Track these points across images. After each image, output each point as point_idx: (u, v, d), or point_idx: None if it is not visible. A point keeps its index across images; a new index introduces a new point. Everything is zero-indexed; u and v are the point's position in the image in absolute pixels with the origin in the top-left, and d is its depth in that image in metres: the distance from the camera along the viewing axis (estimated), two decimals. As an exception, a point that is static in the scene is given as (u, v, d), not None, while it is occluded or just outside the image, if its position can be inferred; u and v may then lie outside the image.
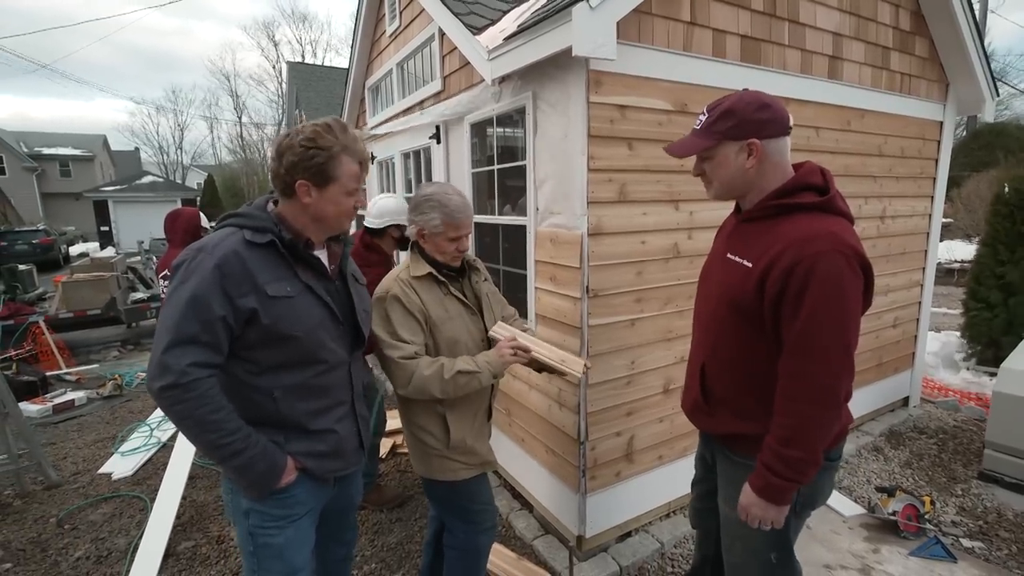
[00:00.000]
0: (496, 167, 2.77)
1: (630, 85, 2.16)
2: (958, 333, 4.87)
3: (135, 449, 3.92)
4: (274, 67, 37.29)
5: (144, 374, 5.75)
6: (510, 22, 2.55)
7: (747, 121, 1.37)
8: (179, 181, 33.73)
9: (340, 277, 1.49)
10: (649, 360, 2.46)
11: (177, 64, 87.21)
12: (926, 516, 2.61)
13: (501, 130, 2.77)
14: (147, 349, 7.37)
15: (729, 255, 1.46)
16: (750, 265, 1.37)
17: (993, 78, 3.55)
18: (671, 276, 2.45)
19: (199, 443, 1.25)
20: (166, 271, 3.34)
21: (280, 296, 1.27)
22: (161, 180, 25.09)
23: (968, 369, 4.49)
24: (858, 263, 1.25)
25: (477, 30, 2.58)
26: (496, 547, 2.57)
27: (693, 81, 2.34)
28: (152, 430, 4.27)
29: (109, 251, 17.82)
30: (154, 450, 3.92)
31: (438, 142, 3.30)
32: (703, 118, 1.44)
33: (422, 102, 3.63)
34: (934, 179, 3.71)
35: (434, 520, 2.05)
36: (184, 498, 3.19)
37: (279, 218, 1.34)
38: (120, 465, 3.69)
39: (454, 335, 1.73)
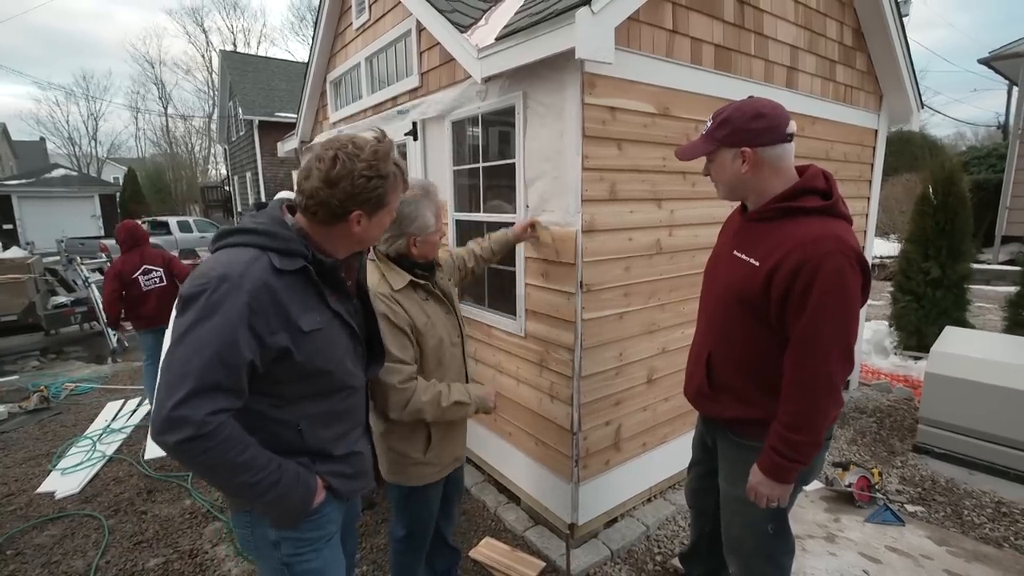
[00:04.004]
0: (481, 165, 2.78)
1: (620, 88, 2.25)
2: (886, 322, 5.37)
3: (77, 465, 3.61)
4: (203, 55, 35.07)
5: (73, 384, 5.36)
6: (490, 21, 2.56)
7: (739, 130, 1.48)
8: (94, 175, 30.91)
9: (356, 293, 1.40)
10: (635, 352, 2.56)
11: (90, 48, 79.44)
12: (876, 486, 2.89)
13: (486, 128, 2.78)
14: (71, 358, 6.75)
15: (736, 252, 1.57)
16: (757, 264, 1.48)
17: (919, 92, 3.96)
18: (654, 271, 2.57)
19: (230, 488, 1.13)
20: (145, 265, 3.92)
21: (313, 329, 1.17)
22: (75, 174, 22.92)
23: (896, 354, 4.97)
24: (858, 263, 1.38)
25: (463, 28, 2.58)
26: (488, 541, 2.60)
27: (674, 86, 2.46)
28: (95, 443, 3.94)
29: (15, 251, 16.06)
30: (100, 464, 3.63)
31: (415, 139, 3.26)
32: (709, 124, 1.54)
33: (396, 98, 3.57)
34: (870, 182, 4.08)
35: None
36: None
37: (303, 235, 1.20)
38: (63, 483, 3.39)
39: (437, 336, 1.73)
